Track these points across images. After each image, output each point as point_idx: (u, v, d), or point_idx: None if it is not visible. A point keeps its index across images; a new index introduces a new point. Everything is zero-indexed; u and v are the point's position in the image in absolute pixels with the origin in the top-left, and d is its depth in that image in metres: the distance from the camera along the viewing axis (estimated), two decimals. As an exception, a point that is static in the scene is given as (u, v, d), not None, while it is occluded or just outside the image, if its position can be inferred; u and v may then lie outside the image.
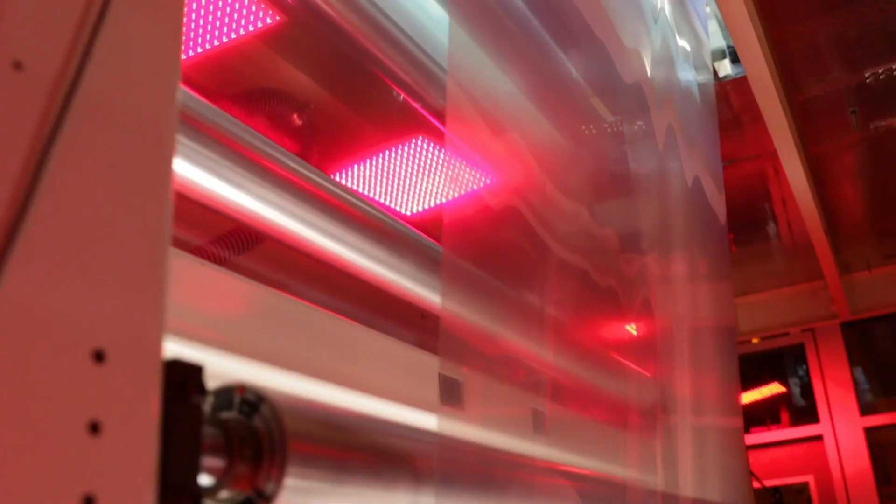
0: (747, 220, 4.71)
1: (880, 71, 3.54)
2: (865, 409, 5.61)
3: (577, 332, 2.39)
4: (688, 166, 3.35)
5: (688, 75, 3.34)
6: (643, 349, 2.87)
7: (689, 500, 2.33)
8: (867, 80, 3.60)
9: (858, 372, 5.81)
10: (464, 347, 1.62)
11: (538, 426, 1.86)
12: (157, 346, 0.71)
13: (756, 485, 4.64)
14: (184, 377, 0.74)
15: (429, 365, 1.79)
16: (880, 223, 4.97)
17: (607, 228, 2.66)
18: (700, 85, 3.42)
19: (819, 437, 5.55)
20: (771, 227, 4.82)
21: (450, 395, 1.48)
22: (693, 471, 2.66)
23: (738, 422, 3.45)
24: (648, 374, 2.91)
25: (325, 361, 1.51)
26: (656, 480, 2.31)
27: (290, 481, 0.82)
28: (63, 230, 0.64)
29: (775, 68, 3.27)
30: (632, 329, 2.85)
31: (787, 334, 5.78)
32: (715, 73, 3.52)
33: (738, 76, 3.51)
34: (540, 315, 2.04)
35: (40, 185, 0.61)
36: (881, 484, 5.65)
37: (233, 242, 2.11)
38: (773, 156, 3.80)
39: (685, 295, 3.07)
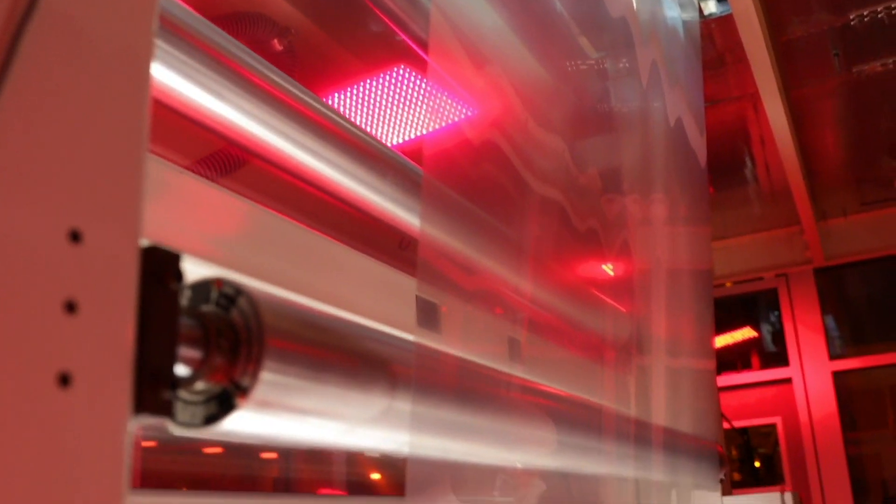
0: (726, 163, 4.72)
1: (865, 13, 3.54)
2: (834, 355, 5.70)
3: (555, 267, 2.40)
4: (671, 106, 3.34)
5: (673, 12, 3.32)
6: (620, 288, 2.89)
7: (661, 428, 2.36)
8: (851, 23, 3.59)
9: (829, 318, 5.89)
10: (441, 271, 1.62)
11: (514, 355, 1.88)
12: (134, 230, 0.70)
13: (725, 426, 4.71)
14: (161, 264, 0.73)
15: (407, 287, 1.79)
16: (858, 170, 5.00)
17: (589, 167, 2.66)
18: (685, 22, 3.40)
19: (788, 381, 5.64)
20: (749, 171, 4.84)
21: (427, 319, 1.48)
22: (665, 408, 2.69)
23: (711, 364, 3.50)
24: (624, 311, 2.93)
25: (304, 276, 1.51)
26: (630, 412, 2.34)
27: (266, 376, 0.82)
28: (41, 109, 0.62)
29: (760, 7, 3.26)
30: (609, 269, 2.86)
31: (761, 279, 5.84)
32: (700, 10, 3.50)
33: (722, 14, 3.49)
34: (519, 247, 2.05)
35: (10, 71, 0.60)
36: (847, 430, 5.76)
37: (215, 164, 2.10)
38: (755, 97, 3.80)
39: (664, 237, 3.08)
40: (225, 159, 2.22)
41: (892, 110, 4.39)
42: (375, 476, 3.00)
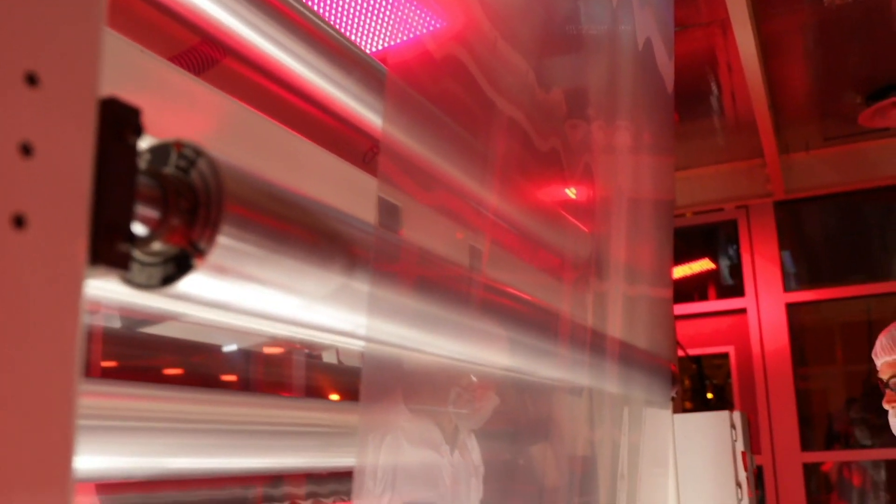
0: (692, 91, 4.72)
1: (839, -57, 3.53)
2: (789, 288, 5.80)
3: (517, 184, 2.40)
4: (640, 27, 3.32)
5: (647, -69, 3.28)
6: (581, 210, 2.91)
7: (615, 340, 2.39)
8: (825, -48, 3.59)
9: (786, 252, 5.98)
10: (404, 174, 1.62)
11: (475, 264, 1.89)
12: (93, 78, 0.69)
13: (679, 353, 4.79)
14: (120, 116, 0.72)
15: (370, 187, 1.80)
16: (823, 104, 5.02)
17: (554, 88, 2.65)
18: (658, -57, 3.38)
19: (743, 311, 5.74)
20: (715, 101, 4.85)
21: (388, 220, 1.49)
22: (621, 326, 2.73)
23: (669, 292, 3.54)
24: (586, 230, 2.95)
25: (265, 167, 1.51)
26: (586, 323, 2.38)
27: (224, 240, 0.82)
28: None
29: (735, -69, 3.24)
30: (571, 192, 2.88)
31: (721, 210, 5.90)
32: (674, -68, 3.47)
33: (697, -63, 3.47)
34: (482, 160, 2.05)
35: None
36: (797, 365, 5.89)
37: (188, 62, 2.07)
38: (725, 24, 3.79)
39: (627, 165, 3.09)
40: (197, 57, 2.19)
41: (860, 46, 4.40)
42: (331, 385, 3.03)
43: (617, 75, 3.03)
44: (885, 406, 2.18)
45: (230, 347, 2.85)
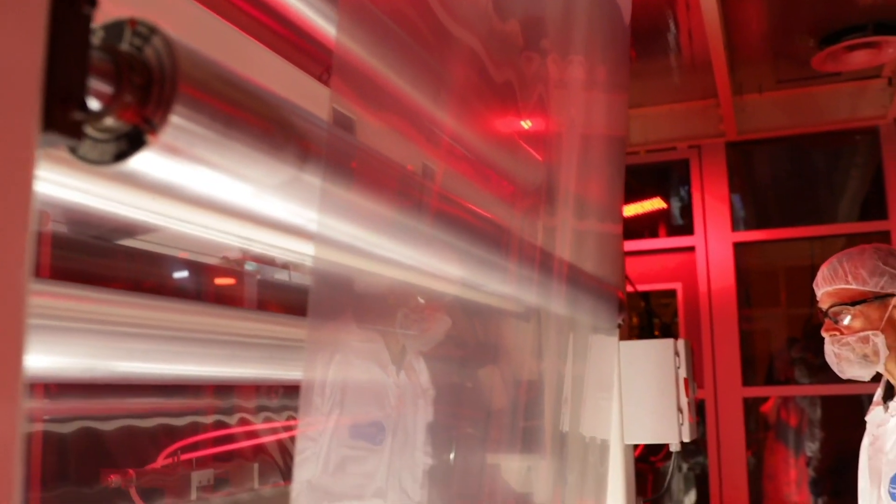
0: (649, 29, 4.73)
1: None
2: (738, 227, 5.90)
3: (471, 111, 2.41)
4: (599, -45, 3.31)
5: None
6: (534, 140, 2.92)
7: (564, 262, 2.43)
8: None
9: (736, 192, 6.07)
10: (358, 86, 1.62)
11: (428, 181, 1.91)
12: (46, -56, 0.69)
13: (629, 289, 4.86)
14: (73, -15, 0.72)
15: (324, 96, 1.80)
16: (778, 47, 5.06)
17: (511, 20, 2.65)
18: None
19: (691, 249, 5.83)
20: (671, 40, 4.86)
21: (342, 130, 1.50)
22: (570, 251, 2.77)
23: (619, 228, 3.58)
24: (539, 158, 2.98)
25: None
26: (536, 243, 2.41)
27: (176, 119, 0.83)
28: None
29: None
30: (525, 123, 2.89)
31: (674, 149, 5.95)
32: None
33: None
34: (437, 84, 2.05)
35: None
36: (743, 306, 6.02)
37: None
38: (684, -41, 3.80)
39: (581, 99, 3.10)
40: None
41: (816, -11, 4.43)
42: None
43: (574, 7, 3.03)
44: (823, 334, 2.25)
45: (182, 269, 2.85)
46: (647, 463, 6.01)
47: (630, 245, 5.91)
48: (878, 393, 2.30)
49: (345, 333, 2.19)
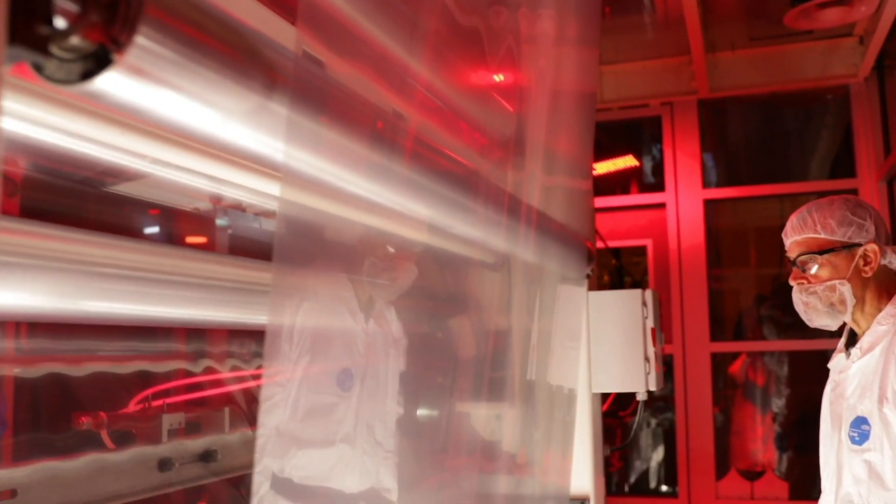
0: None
1: None
2: (708, 184, 5.94)
3: (441, 59, 2.41)
4: None
5: None
6: (505, 93, 2.93)
7: (533, 209, 2.45)
8: None
9: (707, 150, 6.10)
10: (326, 31, 1.62)
11: (399, 124, 1.91)
12: None
13: (599, 245, 4.90)
14: None
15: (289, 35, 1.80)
16: (750, 4, 5.07)
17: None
18: None
19: (662, 206, 5.87)
20: (645, -5, 4.86)
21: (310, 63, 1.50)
22: (539, 200, 2.78)
23: (588, 184, 3.59)
24: (511, 109, 2.99)
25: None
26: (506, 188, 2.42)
27: (143, 40, 0.83)
28: None
29: None
30: (496, 76, 2.89)
31: (646, 106, 5.97)
32: None
33: None
34: (407, 30, 2.05)
35: None
36: (712, 265, 6.09)
37: None
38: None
39: (551, 53, 3.10)
40: None
41: (790, -55, 4.44)
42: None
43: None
44: (791, 282, 2.28)
45: (153, 225, 2.85)
46: (617, 418, 6.09)
47: (601, 202, 5.95)
48: (842, 341, 2.34)
49: (311, 279, 2.20)
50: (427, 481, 2.87)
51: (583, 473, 3.21)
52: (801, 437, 5.96)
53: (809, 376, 5.50)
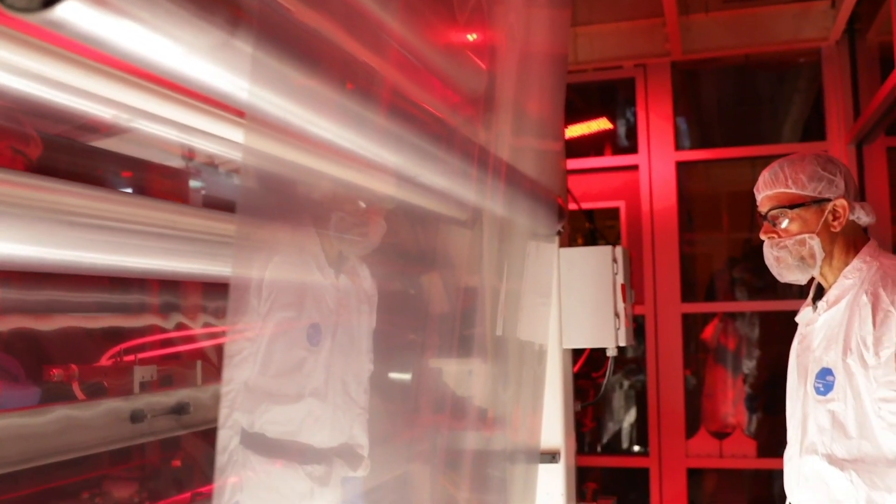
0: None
1: None
2: (681, 146, 5.97)
3: (411, 15, 2.41)
4: None
5: None
6: (477, 50, 2.93)
7: (503, 162, 2.46)
8: None
9: (681, 113, 6.13)
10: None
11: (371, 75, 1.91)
12: None
13: (573, 206, 4.91)
14: None
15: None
16: (724, -36, 5.08)
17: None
18: None
19: (635, 168, 5.89)
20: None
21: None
22: (509, 155, 2.79)
23: (559, 145, 3.59)
24: (483, 66, 2.98)
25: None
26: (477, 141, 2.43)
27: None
28: None
29: None
30: (467, 35, 2.89)
31: (620, 67, 5.97)
32: None
33: None
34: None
35: None
36: (685, 229, 6.14)
37: None
38: None
39: (521, 13, 3.09)
40: None
41: None
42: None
43: None
44: (762, 236, 2.31)
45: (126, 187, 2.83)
46: (589, 378, 6.14)
47: (574, 163, 5.96)
48: (810, 295, 2.38)
49: (277, 232, 2.19)
50: (399, 437, 2.90)
51: (553, 428, 3.25)
52: (770, 397, 6.04)
53: (780, 338, 5.58)
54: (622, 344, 3.26)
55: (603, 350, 3.37)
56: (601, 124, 6.52)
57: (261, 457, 2.30)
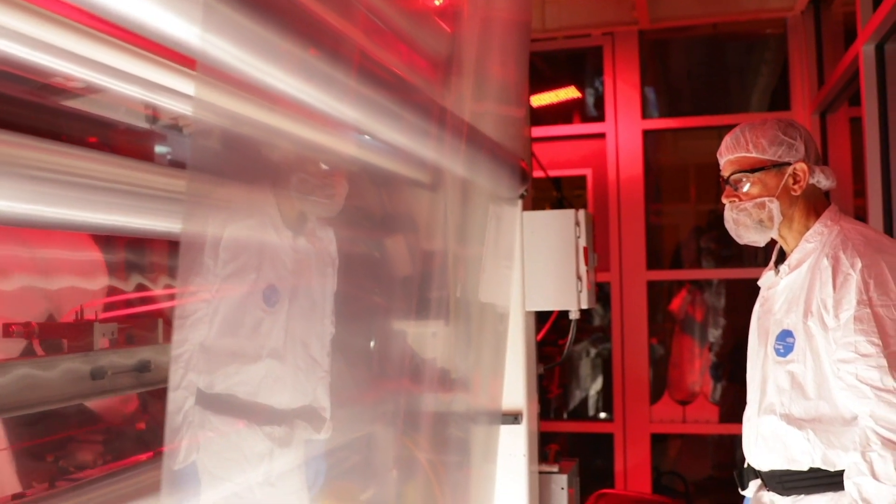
0: None
1: None
2: (648, 115, 6.00)
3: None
4: None
5: None
6: (437, 11, 2.93)
7: (464, 122, 2.47)
8: None
9: (648, 82, 6.15)
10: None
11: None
12: None
13: (540, 173, 4.93)
14: None
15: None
16: (692, -68, 5.08)
17: None
18: None
19: (602, 136, 5.92)
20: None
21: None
22: (470, 117, 2.80)
23: (522, 112, 3.58)
24: (448, 30, 2.98)
25: None
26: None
27: None
28: None
29: None
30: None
31: (588, 36, 5.98)
32: None
33: None
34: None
35: None
36: (652, 199, 6.19)
37: None
38: None
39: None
40: None
41: None
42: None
43: None
44: (724, 200, 2.33)
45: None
46: (556, 346, 6.19)
47: (542, 131, 5.99)
48: (772, 258, 2.40)
49: (230, 190, 2.18)
50: (362, 399, 2.91)
51: (516, 390, 3.28)
52: (734, 364, 6.11)
53: (746, 307, 5.65)
54: (584, 307, 3.29)
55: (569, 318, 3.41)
56: (569, 93, 6.53)
57: (218, 417, 2.30)
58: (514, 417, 3.25)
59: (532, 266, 3.28)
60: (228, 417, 2.32)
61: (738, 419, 2.40)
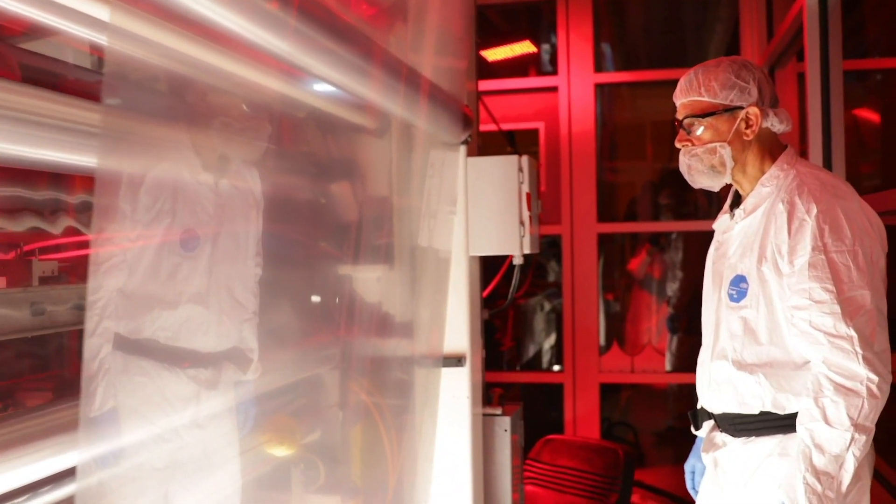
0: None
1: None
2: (600, 69, 6.02)
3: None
4: None
5: None
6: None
7: (406, 65, 2.49)
8: None
9: (605, 39, 6.17)
10: None
11: None
12: None
13: (492, 126, 4.95)
14: None
15: None
16: None
17: None
18: None
19: (554, 89, 5.94)
20: None
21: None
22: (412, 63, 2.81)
23: (465, 63, 3.56)
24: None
25: None
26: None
27: None
28: None
29: None
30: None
31: (543, -10, 5.99)
32: None
33: None
34: None
35: None
36: (607, 156, 6.23)
37: None
38: None
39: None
40: None
41: None
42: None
43: None
44: (677, 144, 2.33)
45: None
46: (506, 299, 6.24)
47: (494, 84, 6.00)
48: (727, 202, 2.41)
49: (147, 132, 2.17)
50: (306, 342, 2.94)
51: (460, 333, 3.33)
52: (689, 316, 6.19)
53: (702, 261, 5.74)
54: (527, 251, 3.34)
55: (523, 272, 3.47)
56: (525, 47, 6.53)
57: (138, 362, 2.31)
58: (457, 360, 3.30)
59: (476, 211, 3.31)
60: (150, 362, 2.33)
61: (691, 369, 2.43)
